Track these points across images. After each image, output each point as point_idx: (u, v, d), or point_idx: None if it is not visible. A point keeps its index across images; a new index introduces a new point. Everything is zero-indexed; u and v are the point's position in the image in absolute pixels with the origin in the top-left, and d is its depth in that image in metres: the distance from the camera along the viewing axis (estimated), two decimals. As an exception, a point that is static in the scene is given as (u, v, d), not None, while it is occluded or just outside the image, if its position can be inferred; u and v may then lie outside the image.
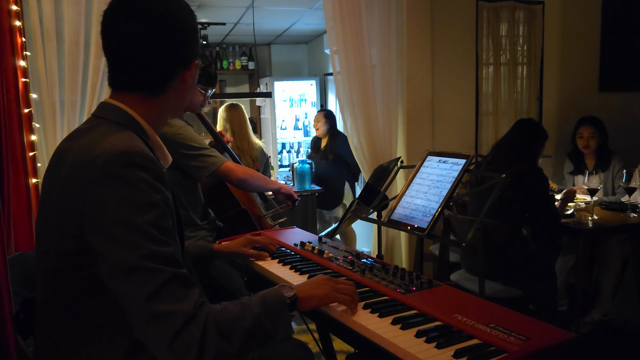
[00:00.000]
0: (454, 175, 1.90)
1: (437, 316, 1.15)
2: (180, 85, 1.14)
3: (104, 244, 0.95)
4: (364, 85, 3.37)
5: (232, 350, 0.99)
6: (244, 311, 1.03)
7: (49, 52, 2.64)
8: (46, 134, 2.70)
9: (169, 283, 0.95)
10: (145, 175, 0.98)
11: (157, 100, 1.13)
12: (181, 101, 1.19)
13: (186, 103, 1.23)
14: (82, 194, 0.97)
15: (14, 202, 2.29)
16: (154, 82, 1.11)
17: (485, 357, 0.98)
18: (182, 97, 1.18)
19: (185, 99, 1.20)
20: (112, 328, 1.03)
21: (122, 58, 1.09)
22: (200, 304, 0.98)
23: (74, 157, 1.02)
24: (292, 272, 1.53)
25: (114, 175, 0.96)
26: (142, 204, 0.96)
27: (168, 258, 0.97)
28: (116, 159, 0.97)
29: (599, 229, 2.83)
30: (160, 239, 0.97)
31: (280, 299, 1.11)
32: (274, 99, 6.16)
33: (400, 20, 3.48)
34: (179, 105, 1.20)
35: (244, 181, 2.33)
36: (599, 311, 3.18)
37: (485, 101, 3.85)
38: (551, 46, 3.98)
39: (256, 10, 4.49)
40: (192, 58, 1.14)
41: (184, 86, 1.15)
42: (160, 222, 0.98)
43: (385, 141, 3.49)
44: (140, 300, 0.93)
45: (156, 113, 1.14)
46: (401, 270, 1.43)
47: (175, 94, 1.15)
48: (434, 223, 1.84)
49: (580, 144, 3.49)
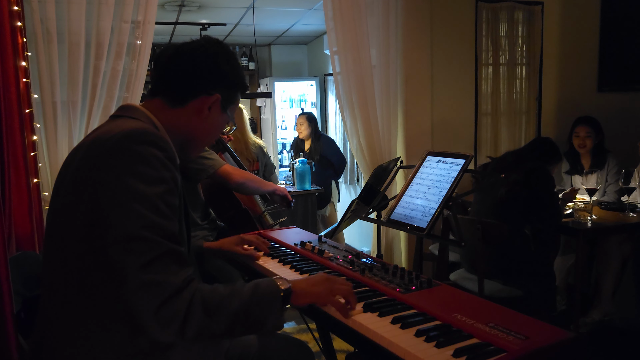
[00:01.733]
0: (454, 175, 1.91)
1: (436, 315, 1.16)
2: (199, 106, 1.24)
3: (111, 210, 1.00)
4: (363, 86, 3.38)
5: (217, 330, 1.03)
6: (233, 294, 1.07)
7: (50, 53, 2.65)
8: (47, 134, 2.70)
9: (165, 256, 1.00)
10: (158, 152, 1.05)
11: (176, 112, 1.23)
12: (199, 126, 1.26)
13: (206, 136, 1.32)
14: (96, 166, 1.04)
15: (15, 202, 2.30)
16: (176, 91, 1.24)
17: (484, 356, 0.98)
18: (200, 122, 1.26)
19: (203, 128, 1.27)
20: (116, 313, 1.04)
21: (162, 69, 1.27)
22: (189, 280, 1.02)
23: (90, 143, 1.09)
24: (292, 272, 1.54)
25: (129, 148, 1.03)
26: (152, 177, 1.03)
27: (169, 232, 1.02)
28: (132, 135, 1.05)
29: (598, 229, 2.84)
30: (164, 213, 1.02)
31: (274, 289, 1.13)
32: (274, 100, 6.17)
33: (400, 20, 3.49)
34: (197, 131, 1.27)
35: (242, 185, 2.39)
36: (599, 311, 3.18)
37: (484, 101, 3.85)
38: (550, 46, 3.99)
39: (256, 11, 4.50)
40: (214, 88, 1.25)
41: (202, 111, 1.24)
42: (167, 197, 1.04)
43: (385, 141, 3.49)
44: (134, 268, 0.98)
45: (173, 124, 1.23)
46: (401, 269, 1.43)
47: (192, 114, 1.24)
48: (434, 223, 1.84)
49: (576, 143, 3.50)
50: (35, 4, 2.58)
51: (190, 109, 1.24)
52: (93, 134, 1.15)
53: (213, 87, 1.25)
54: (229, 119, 1.33)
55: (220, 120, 1.30)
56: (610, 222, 2.92)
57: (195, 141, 1.30)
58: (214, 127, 1.31)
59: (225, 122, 1.33)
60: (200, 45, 1.27)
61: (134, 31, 2.83)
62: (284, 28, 5.76)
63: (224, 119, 1.31)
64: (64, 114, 2.74)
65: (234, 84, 1.31)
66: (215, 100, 1.25)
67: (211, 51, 1.27)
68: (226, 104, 1.29)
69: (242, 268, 1.75)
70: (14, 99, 2.28)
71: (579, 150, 3.51)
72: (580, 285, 2.93)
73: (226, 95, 1.28)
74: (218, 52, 1.27)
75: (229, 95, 1.30)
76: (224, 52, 1.29)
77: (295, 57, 6.93)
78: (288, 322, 3.31)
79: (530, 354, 0.98)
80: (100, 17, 2.72)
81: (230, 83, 1.30)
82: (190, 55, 1.25)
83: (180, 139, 1.26)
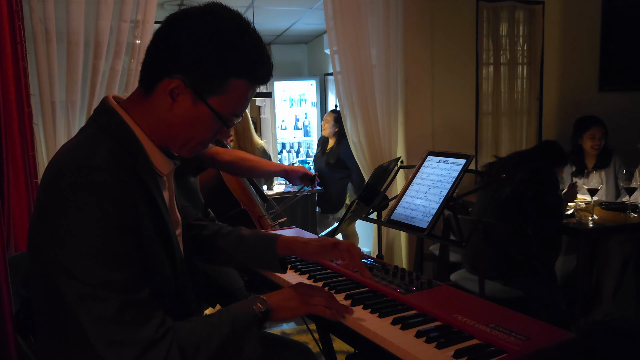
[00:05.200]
0: (454, 175, 1.90)
1: (437, 316, 1.15)
2: (162, 92, 1.03)
3: (55, 271, 0.94)
4: (364, 85, 3.37)
5: None
6: (211, 333, 1.01)
7: (49, 52, 2.64)
8: (46, 134, 2.69)
9: (125, 310, 0.92)
10: (98, 197, 0.93)
11: (147, 103, 1.06)
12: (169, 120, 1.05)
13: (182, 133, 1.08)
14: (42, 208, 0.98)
15: (14, 202, 2.29)
16: (141, 74, 1.07)
17: (485, 357, 0.98)
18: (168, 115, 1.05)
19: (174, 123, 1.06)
20: None
21: None
22: (165, 331, 0.96)
23: (45, 171, 1.03)
24: (292, 272, 1.53)
25: (62, 201, 0.94)
26: (89, 231, 0.92)
27: (120, 284, 0.93)
28: (72, 178, 0.95)
29: (599, 229, 2.83)
30: (110, 266, 0.93)
31: (251, 315, 1.07)
32: (274, 99, 6.16)
33: (400, 20, 3.48)
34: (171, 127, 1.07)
35: (232, 164, 2.18)
36: (600, 311, 3.18)
37: (485, 101, 3.85)
38: (551, 46, 3.98)
39: (256, 10, 4.49)
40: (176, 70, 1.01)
41: (164, 98, 1.03)
42: (111, 248, 0.94)
43: (385, 141, 3.49)
44: (95, 328, 0.91)
45: (150, 119, 1.07)
46: (401, 270, 1.43)
47: (160, 103, 1.04)
48: (434, 223, 1.84)
49: (590, 144, 3.47)
50: (34, 4, 2.57)
51: (157, 97, 1.04)
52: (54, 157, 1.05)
53: (174, 67, 1.01)
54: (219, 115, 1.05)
55: (197, 114, 1.04)
56: (611, 222, 2.91)
57: (175, 139, 1.08)
58: (188, 122, 1.05)
59: (211, 117, 1.04)
60: (183, 12, 1.04)
61: (133, 31, 2.82)
62: (284, 27, 5.75)
63: (203, 111, 1.04)
64: (63, 114, 2.73)
65: (216, 65, 1.01)
66: (177, 85, 1.01)
67: (186, 18, 1.02)
68: (203, 92, 1.02)
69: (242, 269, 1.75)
70: (13, 99, 2.28)
71: (591, 152, 3.49)
72: (581, 286, 2.92)
73: (198, 79, 1.01)
74: (198, 22, 1.01)
75: (206, 80, 1.02)
76: (207, 23, 1.01)
77: (295, 56, 6.93)
78: (288, 322, 3.30)
79: (531, 355, 0.97)
80: (99, 17, 2.72)
81: (205, 64, 1.01)
82: (162, 26, 1.04)
83: (163, 136, 1.09)
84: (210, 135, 1.10)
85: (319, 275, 1.46)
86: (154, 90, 1.05)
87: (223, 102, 1.05)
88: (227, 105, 1.06)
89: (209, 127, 1.07)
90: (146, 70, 1.06)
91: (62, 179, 0.96)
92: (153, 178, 1.08)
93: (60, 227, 0.93)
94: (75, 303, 0.92)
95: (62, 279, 0.93)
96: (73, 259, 0.92)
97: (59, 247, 0.94)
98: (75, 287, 0.92)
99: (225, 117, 1.07)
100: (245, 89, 1.06)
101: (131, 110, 1.08)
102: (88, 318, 0.92)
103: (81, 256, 0.92)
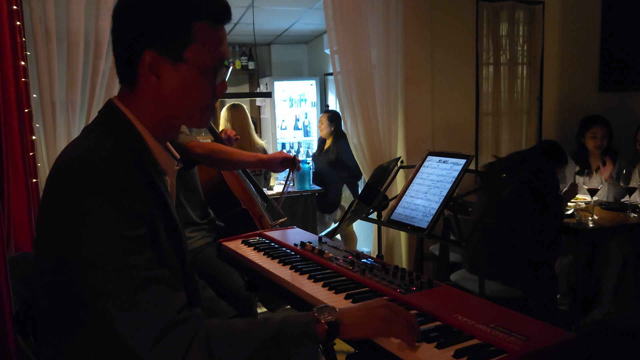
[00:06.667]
0: (454, 175, 1.90)
1: (437, 316, 1.15)
2: (146, 76, 1.03)
3: (71, 265, 0.92)
4: (364, 85, 3.37)
5: None
6: (250, 331, 0.91)
7: (49, 52, 2.64)
8: (46, 134, 2.69)
9: (147, 286, 0.90)
10: (108, 186, 0.93)
11: (138, 95, 1.06)
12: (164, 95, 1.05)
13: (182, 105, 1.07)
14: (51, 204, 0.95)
15: (14, 202, 2.29)
16: (121, 71, 1.08)
17: (485, 357, 0.97)
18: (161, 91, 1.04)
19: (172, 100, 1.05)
20: None
21: None
22: (189, 315, 0.92)
23: (51, 168, 1.01)
24: (292, 272, 1.53)
25: (72, 193, 0.92)
26: (103, 219, 0.91)
27: (141, 264, 0.92)
28: (79, 170, 0.94)
29: (599, 229, 2.84)
30: (129, 249, 0.91)
31: (307, 322, 0.94)
32: (274, 99, 6.16)
33: (400, 20, 3.48)
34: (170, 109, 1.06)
35: (206, 157, 2.14)
36: (600, 311, 3.18)
37: (485, 101, 3.85)
38: (551, 46, 3.98)
39: (256, 10, 4.49)
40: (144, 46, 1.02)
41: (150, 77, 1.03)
42: (128, 233, 0.93)
43: (385, 141, 3.49)
44: (117, 312, 0.89)
45: (147, 110, 1.07)
46: (401, 270, 1.42)
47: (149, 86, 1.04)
48: (434, 223, 1.84)
49: (593, 144, 3.47)
50: (35, 4, 2.57)
51: (142, 83, 1.05)
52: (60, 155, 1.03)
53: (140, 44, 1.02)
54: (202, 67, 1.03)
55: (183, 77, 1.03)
56: (611, 222, 2.91)
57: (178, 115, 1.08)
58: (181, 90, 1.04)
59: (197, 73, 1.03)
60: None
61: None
62: (284, 27, 5.75)
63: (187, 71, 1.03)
64: (63, 114, 2.74)
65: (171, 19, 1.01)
66: (152, 57, 1.01)
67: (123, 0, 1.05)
68: (175, 51, 1.02)
69: (242, 269, 1.75)
70: (13, 99, 2.28)
71: (594, 151, 3.49)
72: (581, 286, 2.92)
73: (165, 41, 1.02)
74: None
75: (171, 38, 1.02)
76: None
77: (295, 56, 6.93)
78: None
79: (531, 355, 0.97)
80: (99, 17, 2.72)
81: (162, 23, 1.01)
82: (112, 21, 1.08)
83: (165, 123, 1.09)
84: (208, 93, 1.08)
85: (319, 275, 1.46)
86: (137, 79, 1.05)
87: (198, 52, 1.03)
88: (204, 53, 1.04)
89: (202, 86, 1.06)
90: (121, 65, 1.07)
91: (70, 172, 0.95)
92: (159, 176, 1.09)
93: (73, 219, 0.92)
94: (96, 292, 0.89)
95: (81, 271, 0.90)
96: (90, 248, 0.90)
97: (74, 239, 0.91)
98: (95, 275, 0.89)
99: (209, 67, 1.05)
100: (211, 29, 1.05)
101: (132, 108, 1.08)
102: (110, 302, 0.89)
103: (99, 244, 0.90)
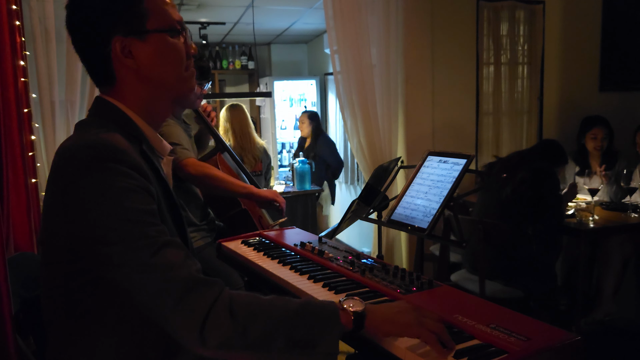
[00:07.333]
0: (455, 175, 1.90)
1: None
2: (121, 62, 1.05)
3: (87, 247, 0.94)
4: (364, 85, 3.37)
5: (249, 343, 0.91)
6: (274, 302, 0.95)
7: (49, 52, 2.64)
8: (45, 133, 2.69)
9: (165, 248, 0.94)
10: (116, 165, 0.95)
11: (120, 88, 1.08)
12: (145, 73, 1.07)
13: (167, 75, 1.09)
14: (59, 193, 0.97)
15: (13, 202, 2.29)
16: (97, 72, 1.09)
17: (486, 357, 0.97)
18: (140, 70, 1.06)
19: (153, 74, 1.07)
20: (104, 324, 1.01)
21: None
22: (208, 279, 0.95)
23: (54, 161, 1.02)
24: (292, 272, 1.53)
25: (81, 175, 0.94)
26: (114, 196, 0.93)
27: (156, 233, 0.95)
28: (86, 153, 0.96)
29: (600, 229, 2.83)
30: (143, 221, 0.94)
31: (332, 307, 0.98)
32: (274, 99, 6.16)
33: (400, 20, 3.48)
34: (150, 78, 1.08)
35: (198, 180, 2.13)
36: (600, 311, 3.18)
37: (485, 101, 3.85)
38: (552, 46, 3.98)
39: (256, 9, 4.49)
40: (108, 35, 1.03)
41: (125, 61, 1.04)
42: (140, 207, 0.95)
43: (385, 141, 3.49)
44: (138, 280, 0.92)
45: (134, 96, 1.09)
46: (401, 270, 1.42)
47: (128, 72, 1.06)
48: (435, 223, 1.84)
49: (592, 145, 3.47)
50: (34, 3, 2.57)
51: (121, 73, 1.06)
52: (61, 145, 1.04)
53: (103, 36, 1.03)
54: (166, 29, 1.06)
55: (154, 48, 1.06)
56: (611, 222, 2.91)
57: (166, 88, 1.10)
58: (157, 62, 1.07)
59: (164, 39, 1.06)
60: None
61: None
62: (284, 27, 5.75)
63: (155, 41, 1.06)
64: (63, 114, 2.74)
65: None
66: (120, 42, 1.03)
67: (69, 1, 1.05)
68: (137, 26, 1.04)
69: (242, 269, 1.74)
70: (12, 99, 2.27)
71: (594, 152, 3.48)
72: (581, 286, 2.92)
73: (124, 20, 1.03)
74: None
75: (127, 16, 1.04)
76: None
77: (295, 56, 6.92)
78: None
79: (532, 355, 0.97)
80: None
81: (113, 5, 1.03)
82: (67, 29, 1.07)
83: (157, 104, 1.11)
84: (182, 52, 1.10)
85: (319, 275, 1.46)
86: (114, 72, 1.06)
87: (157, 20, 1.06)
88: (162, 19, 1.07)
89: (174, 47, 1.09)
90: (96, 66, 1.07)
91: (79, 156, 0.96)
92: (157, 160, 1.13)
93: (85, 200, 0.93)
94: (115, 265, 0.92)
95: (98, 251, 0.92)
96: (105, 227, 0.92)
97: (86, 222, 0.93)
98: (112, 250, 0.91)
99: (174, 29, 1.08)
100: None
101: (120, 99, 1.09)
102: (128, 270, 0.91)
103: (113, 220, 0.92)
